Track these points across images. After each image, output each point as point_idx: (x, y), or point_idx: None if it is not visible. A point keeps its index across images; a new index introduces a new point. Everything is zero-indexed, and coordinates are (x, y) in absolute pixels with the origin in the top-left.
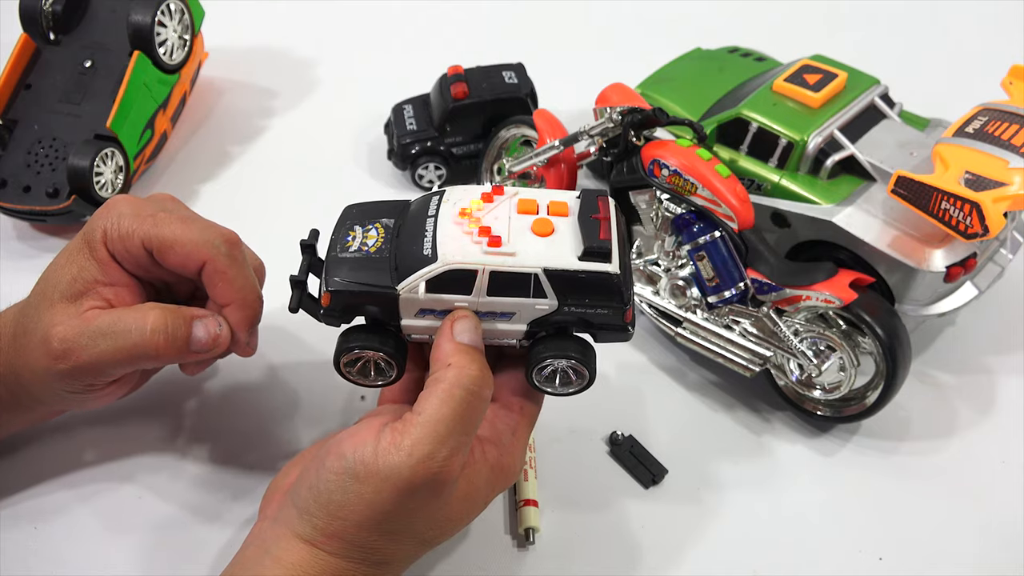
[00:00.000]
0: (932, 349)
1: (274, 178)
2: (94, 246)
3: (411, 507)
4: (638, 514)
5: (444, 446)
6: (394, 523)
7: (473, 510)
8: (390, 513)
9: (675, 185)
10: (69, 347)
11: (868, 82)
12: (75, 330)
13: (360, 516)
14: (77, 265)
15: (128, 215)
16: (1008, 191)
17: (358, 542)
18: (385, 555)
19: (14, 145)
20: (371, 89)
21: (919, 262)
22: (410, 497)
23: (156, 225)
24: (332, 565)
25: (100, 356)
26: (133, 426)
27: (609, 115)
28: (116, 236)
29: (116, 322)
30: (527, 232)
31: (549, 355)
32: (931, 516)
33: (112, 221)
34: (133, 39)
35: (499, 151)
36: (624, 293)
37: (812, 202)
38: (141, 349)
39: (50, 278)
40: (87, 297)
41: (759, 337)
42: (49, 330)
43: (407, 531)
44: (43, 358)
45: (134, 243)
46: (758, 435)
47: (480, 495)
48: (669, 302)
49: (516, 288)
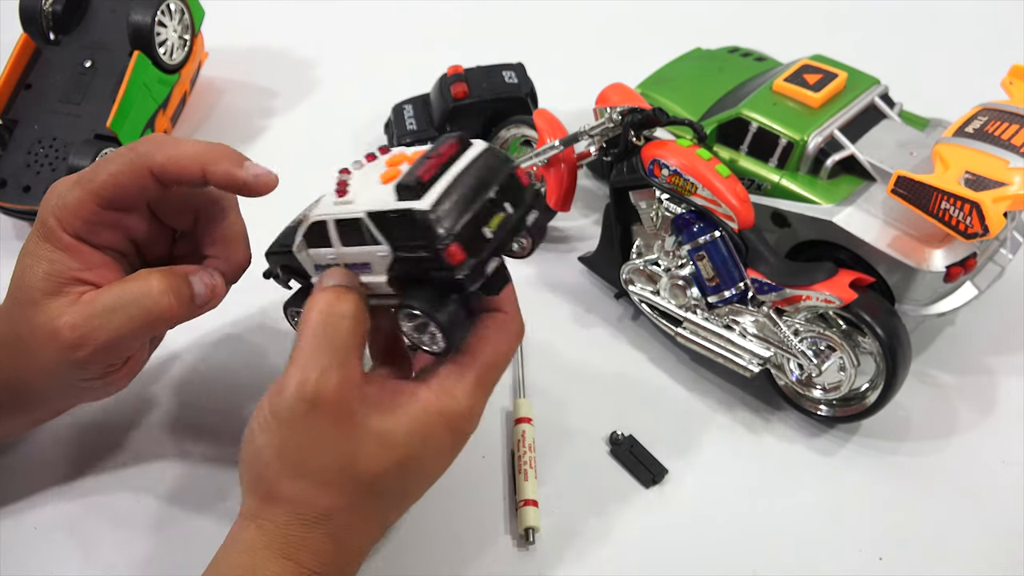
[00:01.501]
0: (932, 349)
1: None
2: (53, 235)
3: (311, 438)
4: (638, 514)
5: (312, 368)
6: (303, 461)
7: (405, 453)
8: (290, 448)
9: (675, 185)
10: (83, 332)
11: (868, 82)
12: (82, 315)
13: (269, 462)
14: (44, 260)
15: (66, 188)
16: (1008, 191)
17: (287, 495)
18: (323, 505)
19: (14, 145)
20: (371, 89)
21: (919, 262)
22: (302, 426)
23: (92, 179)
24: (278, 532)
25: (118, 331)
26: (132, 426)
27: (609, 115)
28: (66, 214)
29: (121, 295)
30: (375, 181)
31: (400, 303)
32: (931, 516)
33: (55, 203)
34: (133, 39)
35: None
36: (433, 230)
37: (812, 202)
38: (155, 313)
39: (22, 282)
40: (69, 286)
41: (759, 337)
42: (54, 323)
43: (323, 470)
44: (56, 353)
45: (89, 210)
46: (758, 435)
47: (405, 435)
48: (669, 302)
49: (357, 237)
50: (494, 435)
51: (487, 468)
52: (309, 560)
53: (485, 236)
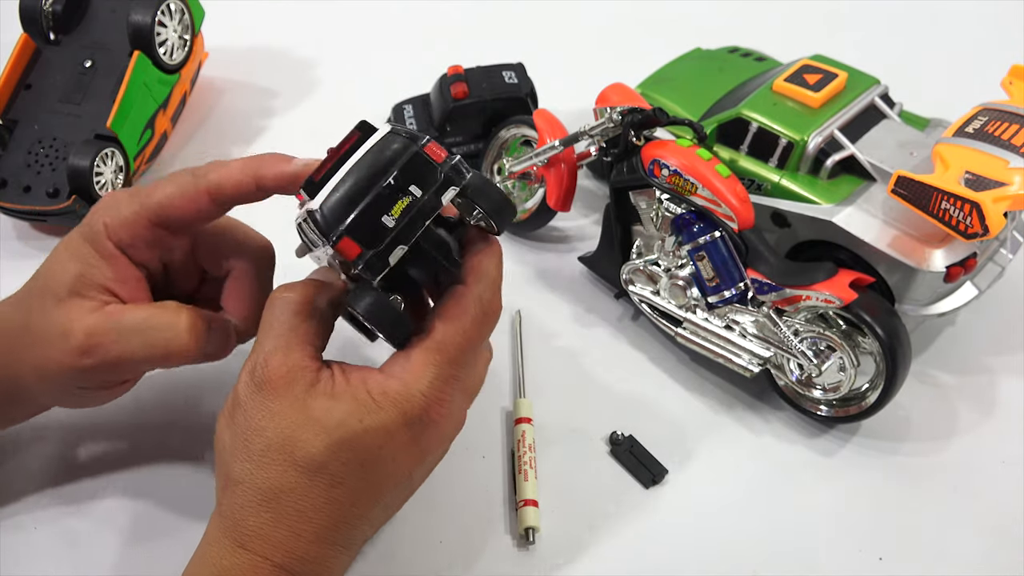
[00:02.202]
0: (932, 349)
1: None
2: (98, 241)
3: (257, 419)
4: (638, 514)
5: (259, 352)
6: (249, 441)
7: (344, 435)
8: (240, 430)
9: (675, 185)
10: (98, 342)
11: (868, 82)
12: (102, 324)
13: (226, 445)
14: (82, 262)
15: (124, 202)
16: (1008, 191)
17: (237, 477)
18: (269, 486)
19: (14, 145)
20: (371, 89)
21: (919, 262)
22: (250, 408)
23: (150, 195)
24: (231, 518)
25: (131, 353)
26: (132, 427)
27: (609, 115)
28: (118, 224)
29: (149, 319)
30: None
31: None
32: (931, 516)
33: (111, 212)
34: (133, 39)
35: (499, 151)
36: (322, 228)
37: (812, 202)
38: (173, 349)
39: (51, 274)
40: (96, 293)
41: (759, 337)
42: (71, 323)
43: (266, 450)
44: (63, 354)
45: (142, 225)
46: (758, 435)
47: (344, 414)
48: (669, 302)
49: (307, 239)
50: (494, 435)
51: (487, 468)
52: (264, 548)
53: (385, 225)
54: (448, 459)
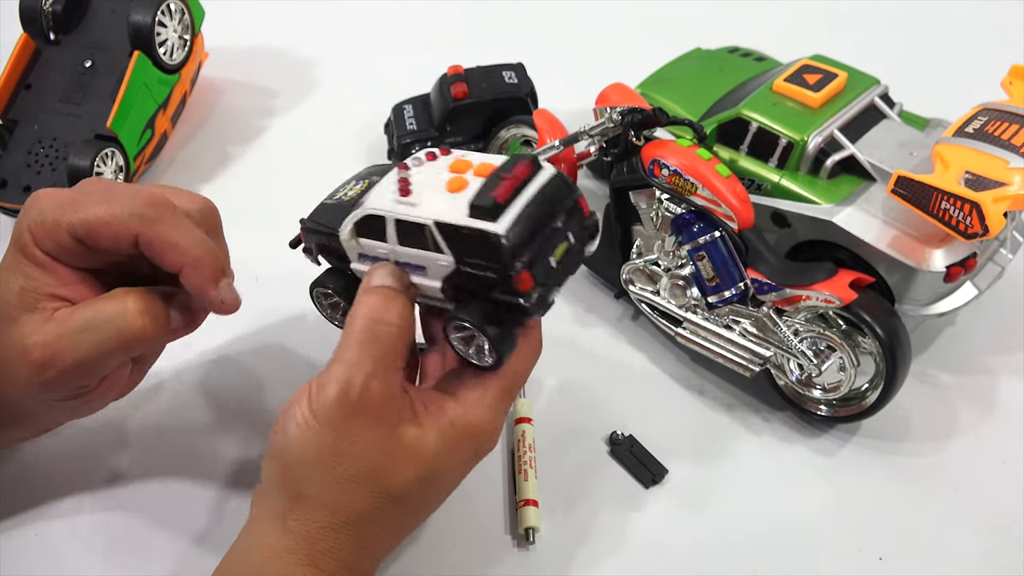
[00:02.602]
0: (932, 349)
1: (274, 178)
2: (28, 251)
3: (349, 443)
4: (638, 514)
5: (358, 373)
6: (338, 464)
7: (432, 467)
8: (327, 450)
9: (675, 185)
10: (51, 352)
11: (868, 82)
12: (52, 333)
13: (304, 460)
14: (21, 274)
15: (48, 208)
16: (1008, 191)
17: (318, 497)
18: (354, 511)
19: (14, 145)
20: (371, 89)
21: (919, 262)
22: (341, 430)
23: (76, 211)
24: (305, 537)
25: (87, 353)
26: (133, 428)
27: (609, 115)
28: (42, 234)
29: (96, 314)
30: (441, 187)
31: (453, 315)
32: (931, 516)
33: (34, 219)
34: (133, 39)
35: (499, 151)
36: (506, 256)
37: (812, 202)
38: (128, 335)
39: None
40: (44, 301)
41: (759, 337)
42: (23, 342)
43: (357, 477)
44: (26, 372)
45: (61, 235)
46: (758, 435)
47: (435, 448)
48: (669, 302)
49: (418, 240)
50: None
51: (487, 468)
52: (332, 566)
53: (551, 265)
54: None
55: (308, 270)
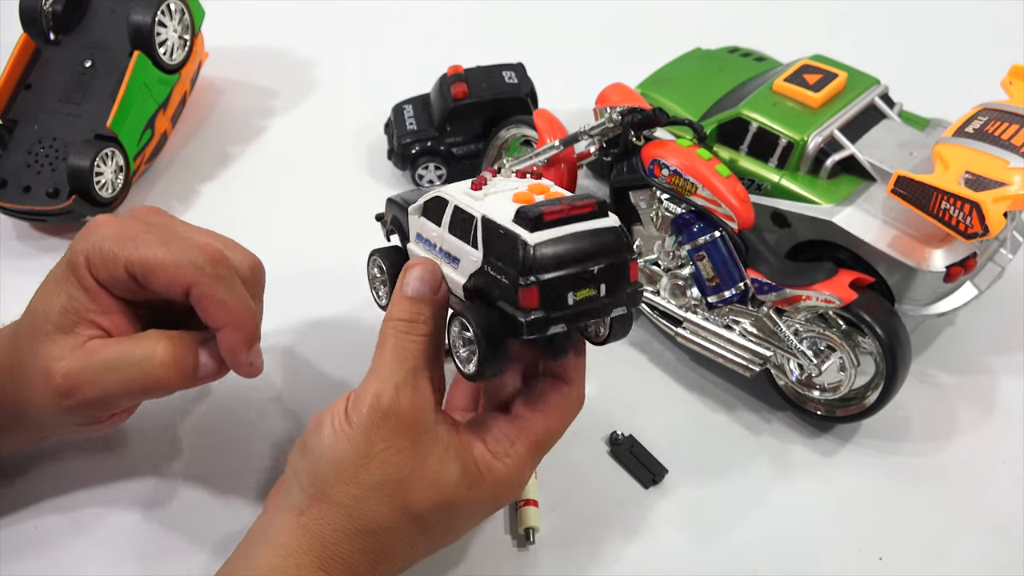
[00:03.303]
0: (932, 349)
1: (274, 178)
2: (79, 273)
3: (377, 450)
4: (638, 514)
5: (387, 382)
6: (362, 470)
7: (449, 498)
8: (355, 455)
9: (675, 185)
10: (75, 383)
11: (868, 82)
12: (79, 364)
13: (333, 460)
14: (66, 294)
15: (109, 238)
16: (1008, 191)
17: (338, 499)
18: (371, 519)
19: (14, 145)
20: (371, 89)
21: (919, 262)
22: (371, 437)
23: (137, 248)
24: (319, 538)
25: (108, 391)
26: (135, 426)
27: (609, 115)
28: (99, 262)
29: (124, 355)
30: (508, 196)
31: (461, 311)
32: (931, 516)
33: (93, 245)
34: (133, 39)
35: (499, 151)
36: (525, 264)
37: (812, 202)
38: (151, 382)
39: (39, 308)
40: (82, 326)
41: (759, 337)
42: (51, 365)
43: (380, 485)
44: (47, 393)
45: (117, 269)
46: (758, 435)
47: (455, 479)
48: (669, 302)
49: (464, 231)
50: None
51: None
52: (342, 574)
53: (566, 300)
54: None
55: (308, 270)
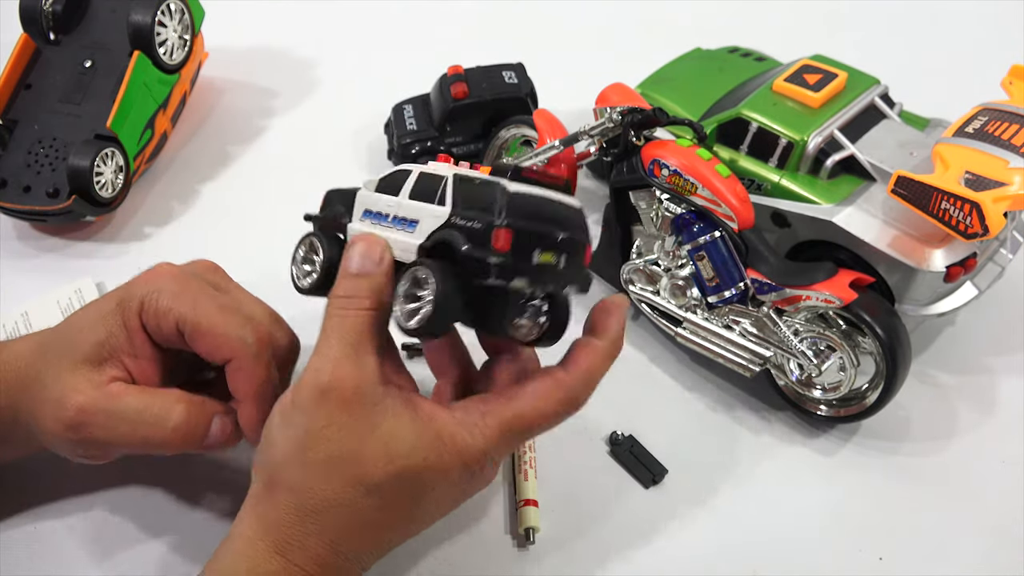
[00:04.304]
0: (932, 349)
1: (274, 178)
2: (128, 314)
3: (319, 427)
4: (638, 514)
5: (326, 359)
6: (307, 449)
7: (408, 466)
8: (299, 435)
9: (675, 185)
10: (85, 420)
11: (868, 82)
12: (95, 404)
13: (279, 445)
14: (106, 329)
15: (168, 292)
16: (1008, 191)
17: (287, 483)
18: (321, 498)
19: (14, 145)
20: (371, 89)
21: (919, 262)
22: (312, 415)
23: (194, 309)
24: (274, 523)
25: (114, 439)
26: None
27: (609, 115)
28: (152, 311)
29: (139, 410)
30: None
31: (415, 261)
32: (931, 516)
33: (152, 294)
34: (133, 39)
35: (499, 151)
36: (501, 208)
37: (812, 202)
38: (158, 441)
39: (74, 335)
40: (110, 364)
41: (759, 337)
42: (67, 395)
43: (326, 461)
44: (55, 423)
45: (168, 322)
46: (758, 435)
47: (411, 446)
48: (669, 302)
49: (429, 193)
50: None
51: None
52: (302, 559)
53: (530, 258)
54: None
55: None
